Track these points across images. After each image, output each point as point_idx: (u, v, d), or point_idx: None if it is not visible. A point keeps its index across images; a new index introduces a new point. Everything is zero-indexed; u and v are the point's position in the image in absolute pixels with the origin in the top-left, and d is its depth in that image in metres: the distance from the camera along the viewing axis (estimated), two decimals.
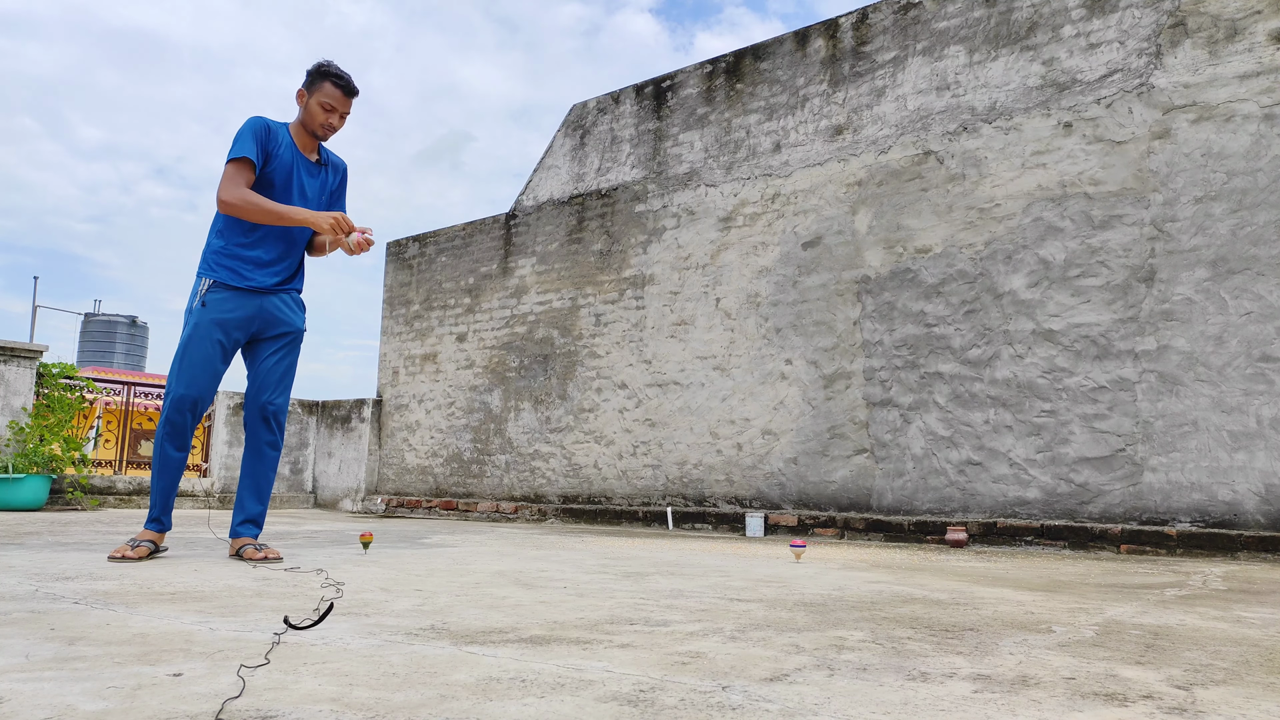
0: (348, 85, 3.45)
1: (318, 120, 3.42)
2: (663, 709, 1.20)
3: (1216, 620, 2.22)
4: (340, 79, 3.43)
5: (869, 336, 5.92)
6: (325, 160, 3.59)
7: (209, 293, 3.35)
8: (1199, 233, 4.79)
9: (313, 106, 3.42)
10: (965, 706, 1.26)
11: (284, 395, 3.54)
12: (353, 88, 3.46)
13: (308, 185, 3.48)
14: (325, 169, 3.58)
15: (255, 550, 3.32)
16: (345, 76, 3.45)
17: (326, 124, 3.44)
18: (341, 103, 3.44)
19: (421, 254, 9.34)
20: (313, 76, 3.44)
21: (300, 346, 3.61)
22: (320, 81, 3.42)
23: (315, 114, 3.42)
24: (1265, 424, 4.50)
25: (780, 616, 2.12)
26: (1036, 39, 5.45)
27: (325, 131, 3.45)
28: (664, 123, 7.37)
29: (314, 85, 3.43)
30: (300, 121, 3.46)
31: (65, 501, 7.44)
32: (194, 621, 1.84)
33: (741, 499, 6.43)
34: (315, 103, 3.41)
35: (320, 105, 3.41)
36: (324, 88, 3.41)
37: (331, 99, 3.42)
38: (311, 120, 3.43)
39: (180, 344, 3.34)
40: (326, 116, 3.43)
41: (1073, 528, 4.93)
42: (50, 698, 1.19)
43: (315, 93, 3.42)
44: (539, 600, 2.33)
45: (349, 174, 3.72)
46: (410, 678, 1.36)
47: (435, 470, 8.68)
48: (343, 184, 3.67)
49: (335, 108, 3.43)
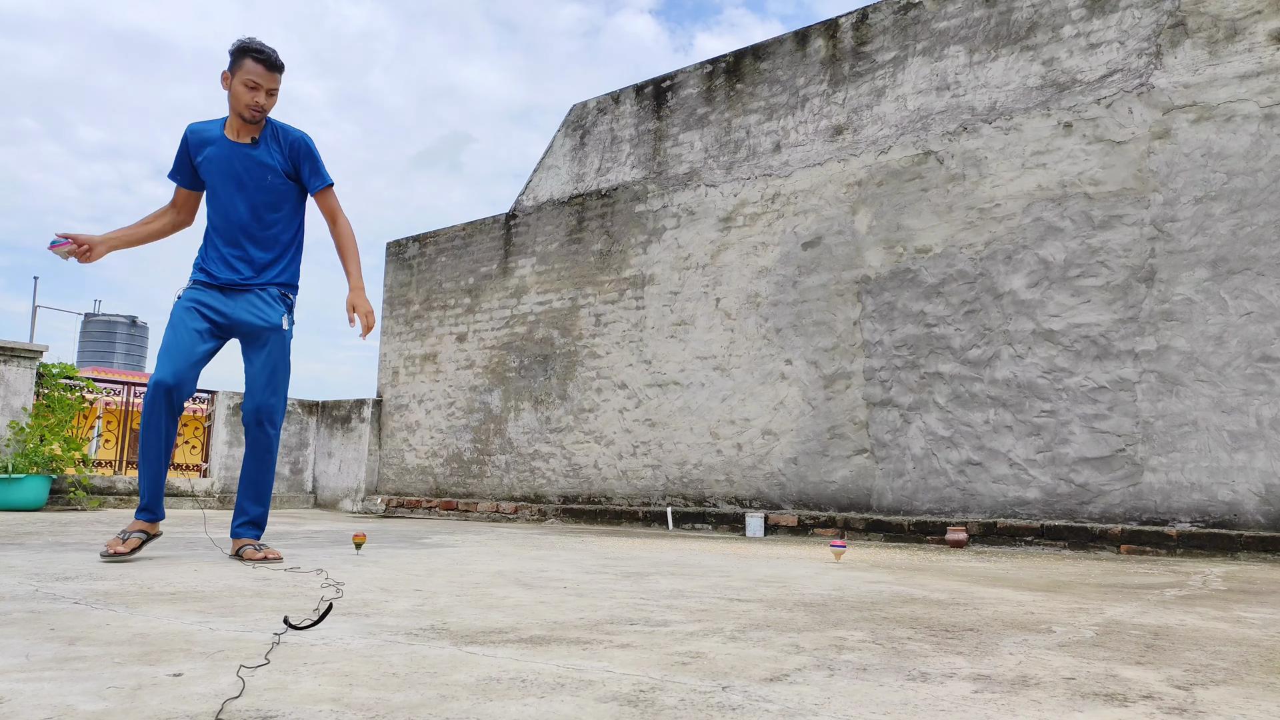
0: (270, 59, 3.28)
1: (243, 101, 3.26)
2: (663, 709, 1.20)
3: (1216, 620, 2.22)
4: (261, 53, 3.26)
5: (869, 336, 5.92)
6: (265, 137, 3.40)
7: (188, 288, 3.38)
8: (1199, 233, 4.79)
9: (236, 87, 3.26)
10: (965, 706, 1.26)
11: (275, 395, 3.44)
12: (276, 62, 3.29)
13: (243, 170, 3.34)
14: (267, 146, 3.39)
15: (255, 550, 3.30)
16: (266, 50, 3.28)
17: (253, 104, 3.27)
18: (265, 78, 3.27)
19: (421, 254, 9.34)
20: (233, 56, 3.27)
21: (283, 342, 3.46)
22: (241, 59, 3.25)
23: (240, 95, 3.26)
24: (1265, 424, 4.50)
25: (780, 616, 2.12)
26: (1036, 39, 5.45)
27: (252, 112, 3.29)
28: (664, 123, 7.37)
29: (235, 64, 3.26)
30: (230, 107, 3.32)
31: (65, 501, 7.44)
32: (194, 621, 1.84)
33: (741, 499, 6.43)
34: (239, 83, 3.25)
35: (244, 84, 3.24)
36: (245, 65, 3.25)
37: (254, 75, 3.25)
38: (237, 102, 3.27)
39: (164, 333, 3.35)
40: (251, 95, 3.26)
41: (1073, 528, 4.93)
42: (50, 698, 1.19)
43: (237, 72, 3.25)
44: (539, 600, 2.33)
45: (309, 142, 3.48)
46: (410, 678, 1.36)
47: (435, 470, 8.68)
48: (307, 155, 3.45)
49: (260, 84, 3.26)
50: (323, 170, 3.49)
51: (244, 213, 3.36)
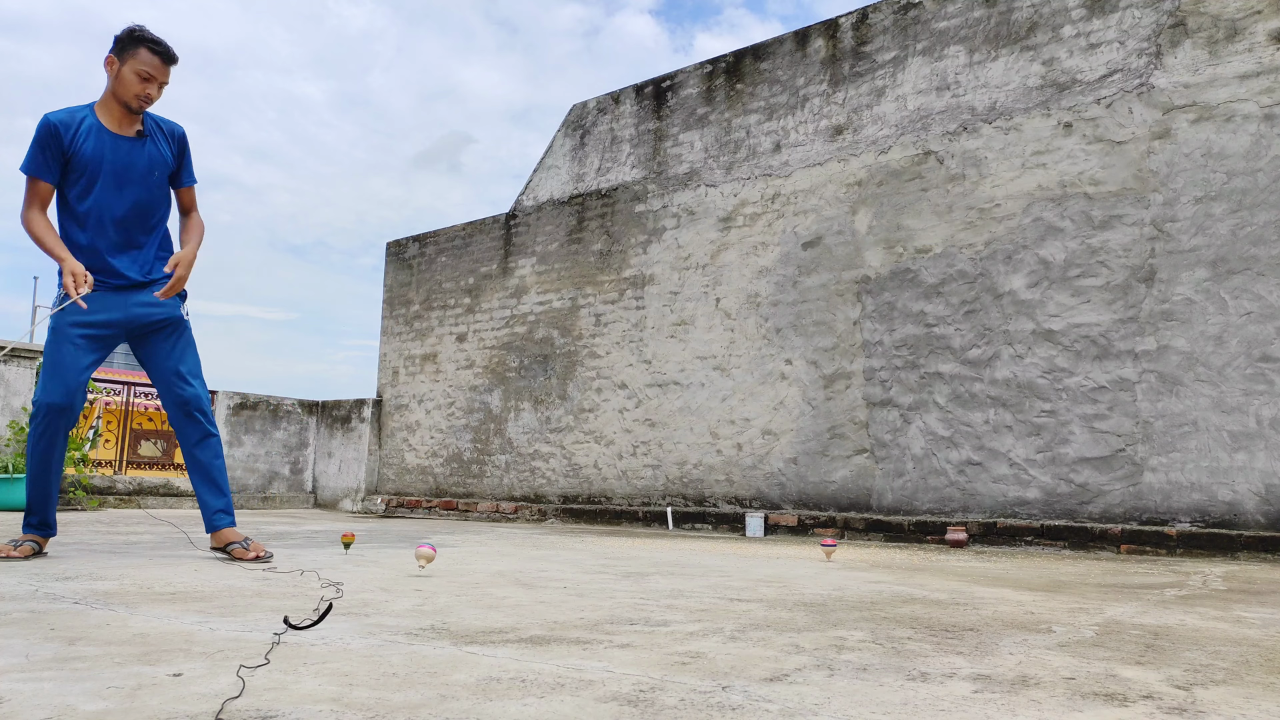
0: (166, 51, 3.16)
1: (132, 90, 3.11)
2: (663, 709, 1.20)
3: (1216, 620, 2.22)
4: (157, 44, 3.14)
5: (869, 336, 5.92)
6: (151, 130, 3.26)
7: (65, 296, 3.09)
8: (1199, 233, 4.79)
9: (126, 75, 3.10)
10: (965, 706, 1.26)
11: (197, 381, 3.34)
12: (172, 54, 3.17)
13: (124, 165, 3.17)
14: (152, 140, 3.25)
15: (244, 549, 3.25)
16: (162, 42, 3.15)
17: (143, 95, 3.13)
18: (160, 71, 3.15)
19: (421, 254, 9.34)
20: (124, 42, 3.12)
21: (188, 330, 3.37)
22: (134, 48, 3.11)
23: (130, 83, 3.10)
24: (1265, 424, 4.50)
25: (780, 616, 2.12)
26: (1036, 39, 5.45)
27: (140, 103, 3.15)
28: (664, 123, 7.37)
29: (126, 51, 3.11)
30: (111, 94, 3.14)
31: (65, 501, 7.44)
32: (194, 621, 1.84)
33: (741, 499, 6.43)
34: (130, 71, 3.10)
35: (136, 74, 3.10)
36: (139, 54, 3.11)
37: (149, 66, 3.12)
38: (125, 90, 3.11)
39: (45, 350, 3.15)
40: (143, 86, 3.12)
41: (1073, 528, 4.93)
42: (50, 698, 1.19)
43: (129, 59, 3.10)
44: (539, 600, 2.33)
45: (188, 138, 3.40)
46: (410, 678, 1.36)
47: (435, 470, 8.68)
48: (186, 149, 3.36)
49: (154, 76, 3.13)
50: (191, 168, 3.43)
51: (126, 209, 3.19)
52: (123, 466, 8.87)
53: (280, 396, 9.53)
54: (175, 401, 3.32)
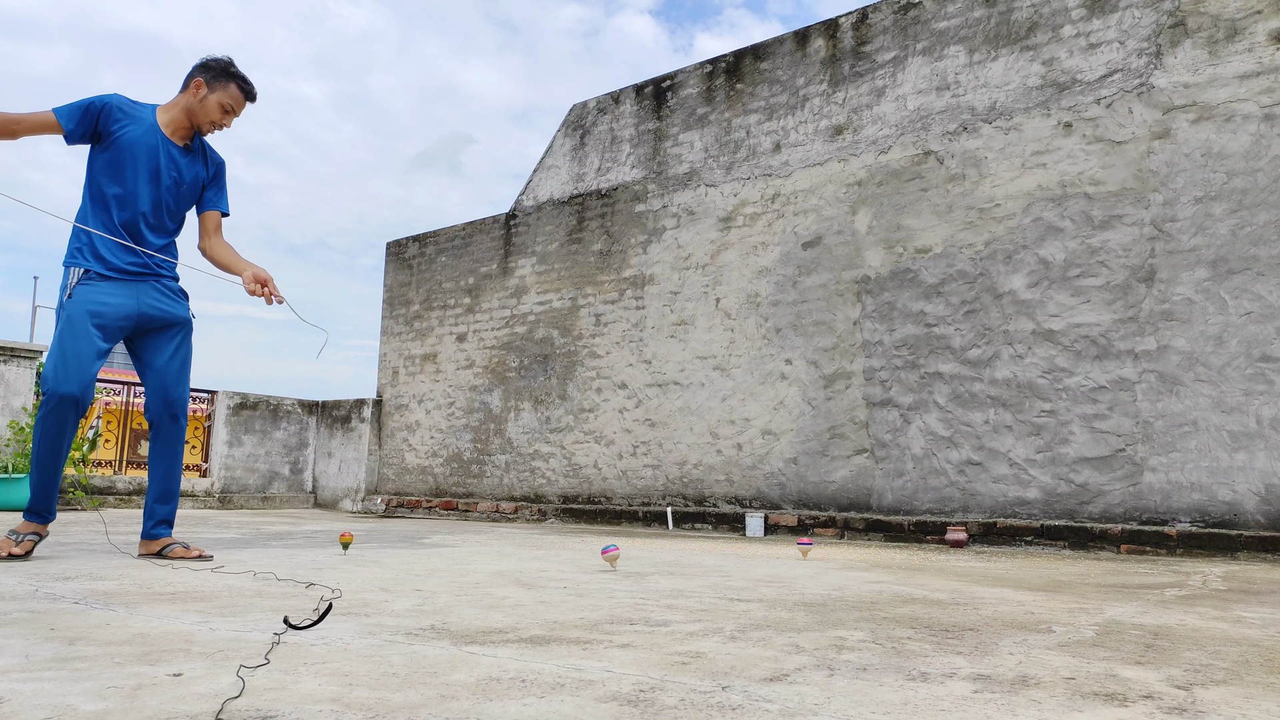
0: (252, 92, 3.42)
1: (212, 117, 3.35)
2: (663, 709, 1.20)
3: (1216, 620, 2.22)
4: (247, 84, 3.40)
5: (869, 336, 5.92)
6: (199, 148, 3.45)
7: (80, 284, 3.16)
8: (1199, 233, 4.79)
9: (210, 103, 3.34)
10: (965, 706, 1.26)
11: (184, 387, 3.40)
12: (255, 94, 3.44)
13: (167, 167, 3.31)
14: (199, 156, 3.44)
15: (185, 549, 3.24)
16: (250, 83, 3.42)
17: (220, 124, 3.38)
18: (240, 106, 3.40)
19: (421, 254, 9.34)
20: (217, 73, 3.35)
21: (191, 335, 3.44)
22: (226, 82, 3.36)
23: (211, 110, 3.34)
24: (1265, 424, 4.50)
25: (780, 616, 2.12)
26: (1036, 39, 5.45)
27: (212, 130, 3.38)
28: (664, 123, 7.37)
29: (217, 82, 3.35)
30: (184, 109, 3.34)
31: (65, 501, 7.44)
32: (194, 621, 1.84)
33: (741, 499, 6.43)
34: (215, 101, 3.34)
35: (220, 104, 3.35)
36: (230, 89, 3.36)
37: (234, 102, 3.38)
38: (204, 115, 3.34)
39: (57, 335, 3.13)
40: (223, 117, 3.38)
41: (1073, 528, 4.93)
42: (50, 698, 1.19)
43: (217, 90, 3.35)
44: (539, 600, 2.33)
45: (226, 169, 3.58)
46: (410, 678, 1.36)
47: (435, 470, 8.68)
48: (219, 177, 3.53)
49: (233, 110, 3.39)
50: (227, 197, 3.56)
51: (147, 204, 3.28)
52: (123, 466, 8.87)
53: (280, 396, 9.53)
54: (164, 402, 3.34)
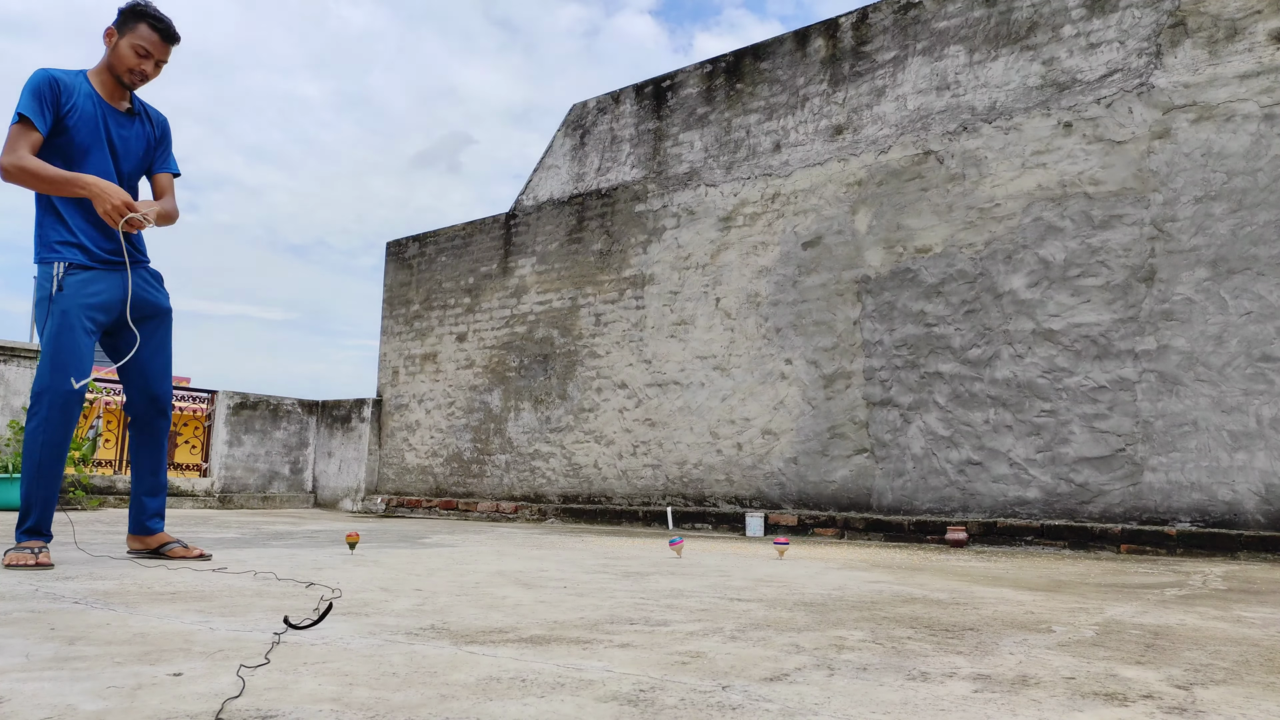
0: (167, 29, 3.08)
1: (127, 64, 3.04)
2: (663, 709, 1.20)
3: (1216, 620, 2.22)
4: (159, 21, 3.07)
5: (869, 336, 5.92)
6: (140, 110, 3.21)
7: (67, 276, 2.96)
8: (1199, 233, 4.79)
9: (123, 49, 3.03)
10: (965, 706, 1.26)
11: (168, 380, 3.27)
12: (173, 32, 3.09)
13: (119, 138, 3.10)
14: (141, 120, 3.19)
15: (185, 548, 3.17)
16: (164, 19, 3.08)
17: (138, 70, 3.06)
18: (159, 48, 3.07)
19: (421, 254, 9.34)
20: (125, 15, 3.04)
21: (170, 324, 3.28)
22: (135, 22, 3.04)
23: (125, 57, 3.04)
24: (1265, 424, 4.50)
25: (780, 616, 2.12)
26: (1036, 39, 5.45)
27: (134, 79, 3.08)
28: (664, 122, 7.37)
29: (126, 25, 3.04)
30: (106, 65, 3.07)
31: (65, 501, 7.44)
32: (194, 621, 1.84)
33: (741, 499, 6.43)
34: (127, 45, 3.03)
35: (134, 49, 3.03)
36: (139, 29, 3.04)
37: (147, 43, 3.05)
38: (120, 63, 3.04)
39: (49, 334, 2.93)
40: (139, 62, 3.05)
41: (1073, 528, 4.93)
42: (50, 698, 1.19)
43: (128, 34, 3.03)
44: (539, 600, 2.33)
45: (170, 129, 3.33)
46: (410, 678, 1.36)
47: (435, 470, 8.68)
48: (166, 138, 3.29)
49: (151, 53, 3.06)
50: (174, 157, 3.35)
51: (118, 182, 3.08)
52: (123, 466, 8.87)
53: (280, 396, 9.53)
54: (149, 397, 3.21)
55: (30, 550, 2.82)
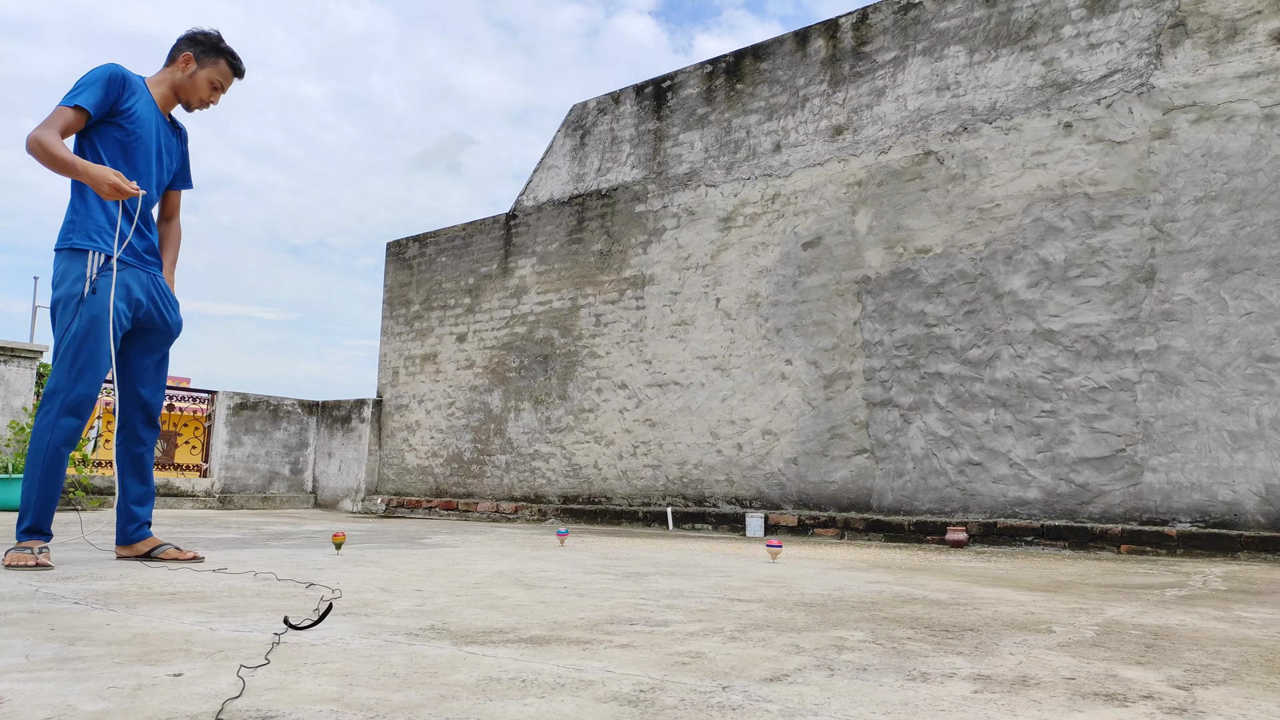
0: (241, 68, 3.30)
1: (201, 94, 3.24)
2: (663, 709, 1.20)
3: (1217, 620, 2.22)
4: (237, 60, 3.28)
5: (869, 336, 5.92)
6: (177, 124, 3.34)
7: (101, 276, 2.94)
8: (1199, 233, 4.79)
9: (200, 80, 3.22)
10: (965, 706, 1.26)
11: (163, 394, 3.30)
12: (244, 71, 3.32)
13: (166, 148, 3.23)
14: (179, 134, 3.34)
15: (178, 550, 3.17)
16: (240, 59, 3.30)
17: (209, 101, 3.27)
18: (229, 83, 3.29)
19: (421, 254, 9.34)
20: (206, 49, 3.23)
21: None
22: (216, 58, 3.24)
23: (201, 87, 3.23)
24: (1265, 424, 4.50)
25: (780, 617, 2.12)
26: (1036, 39, 5.45)
27: (200, 108, 3.27)
28: (664, 123, 7.37)
29: (207, 58, 3.23)
30: (172, 85, 3.22)
31: (65, 501, 7.44)
32: (194, 621, 1.84)
33: (742, 499, 6.43)
34: (205, 77, 3.23)
35: (210, 82, 3.23)
36: (220, 65, 3.25)
37: (224, 78, 3.26)
38: (194, 92, 3.23)
39: (72, 335, 2.90)
40: (212, 94, 3.26)
41: (1073, 528, 4.93)
42: (50, 698, 1.19)
43: (207, 66, 3.23)
44: (539, 600, 2.33)
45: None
46: (410, 678, 1.36)
47: (435, 470, 8.68)
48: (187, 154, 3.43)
49: (222, 87, 3.27)
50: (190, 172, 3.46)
51: (153, 187, 3.18)
52: None
53: (280, 396, 9.53)
54: (142, 404, 3.22)
55: (30, 550, 2.84)
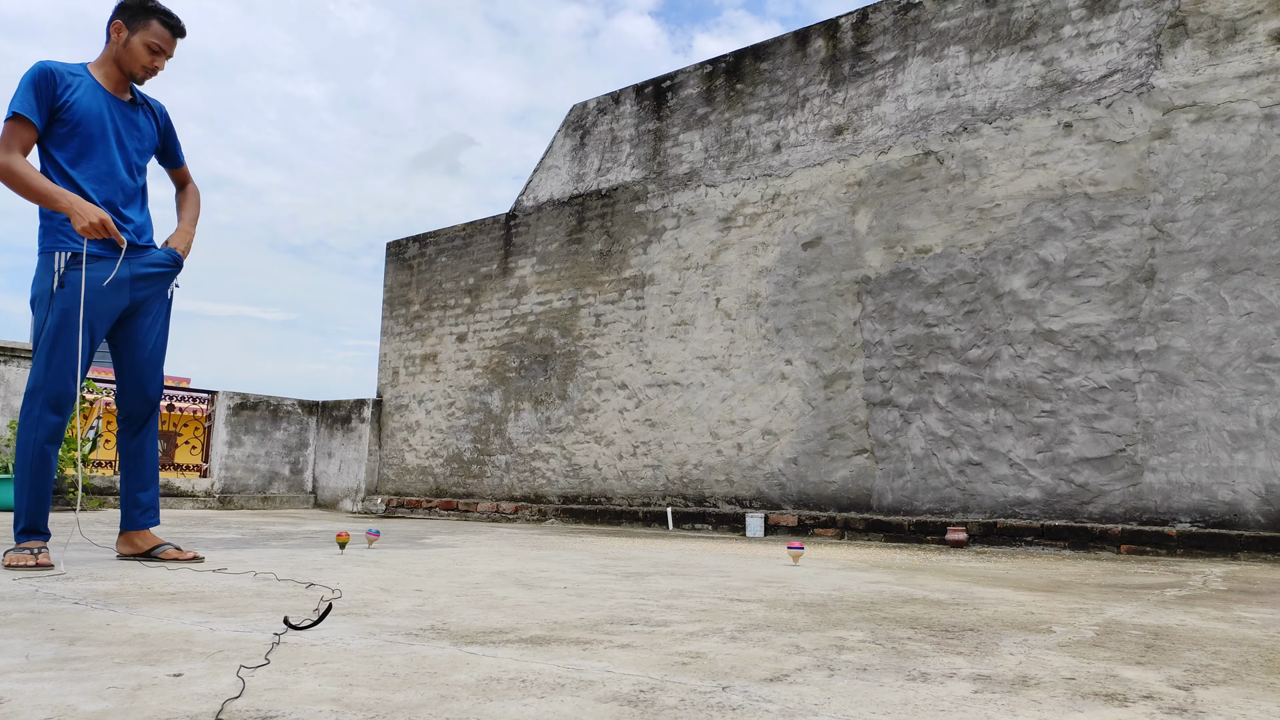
0: (178, 25, 3.12)
1: (140, 61, 3.06)
2: (663, 709, 1.20)
3: (1216, 620, 2.22)
4: (170, 17, 3.10)
5: (869, 337, 5.92)
6: (142, 100, 3.21)
7: (70, 270, 2.89)
8: (1199, 233, 4.79)
9: (136, 46, 3.05)
10: (965, 707, 1.26)
11: (162, 377, 3.21)
12: (183, 27, 3.14)
13: (126, 128, 3.10)
14: (145, 109, 3.21)
15: (177, 551, 3.12)
16: (175, 15, 3.12)
17: (151, 66, 3.09)
18: (169, 44, 3.11)
19: (421, 254, 9.34)
20: (134, 11, 3.05)
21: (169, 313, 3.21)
22: (146, 19, 3.06)
23: (139, 54, 3.06)
24: (1265, 424, 4.50)
25: (780, 617, 2.12)
26: (1036, 39, 5.45)
27: (146, 75, 3.11)
28: (664, 123, 7.37)
29: (138, 22, 3.05)
30: (113, 59, 3.07)
31: (65, 502, 7.44)
32: (194, 622, 1.84)
33: (741, 499, 6.43)
34: (140, 42, 3.05)
35: (146, 45, 3.06)
36: (151, 26, 3.06)
37: (159, 39, 3.08)
38: (132, 60, 3.06)
39: (47, 330, 2.88)
40: (152, 59, 3.08)
41: (1073, 528, 4.93)
42: (50, 698, 1.19)
43: (139, 30, 3.05)
44: (539, 600, 2.33)
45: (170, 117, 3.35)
46: (410, 678, 1.36)
47: (435, 470, 8.68)
48: (170, 127, 3.31)
49: (163, 49, 3.10)
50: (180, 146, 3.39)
51: (121, 170, 3.07)
52: None
53: (280, 396, 9.53)
54: (143, 396, 3.15)
55: (30, 551, 2.82)
